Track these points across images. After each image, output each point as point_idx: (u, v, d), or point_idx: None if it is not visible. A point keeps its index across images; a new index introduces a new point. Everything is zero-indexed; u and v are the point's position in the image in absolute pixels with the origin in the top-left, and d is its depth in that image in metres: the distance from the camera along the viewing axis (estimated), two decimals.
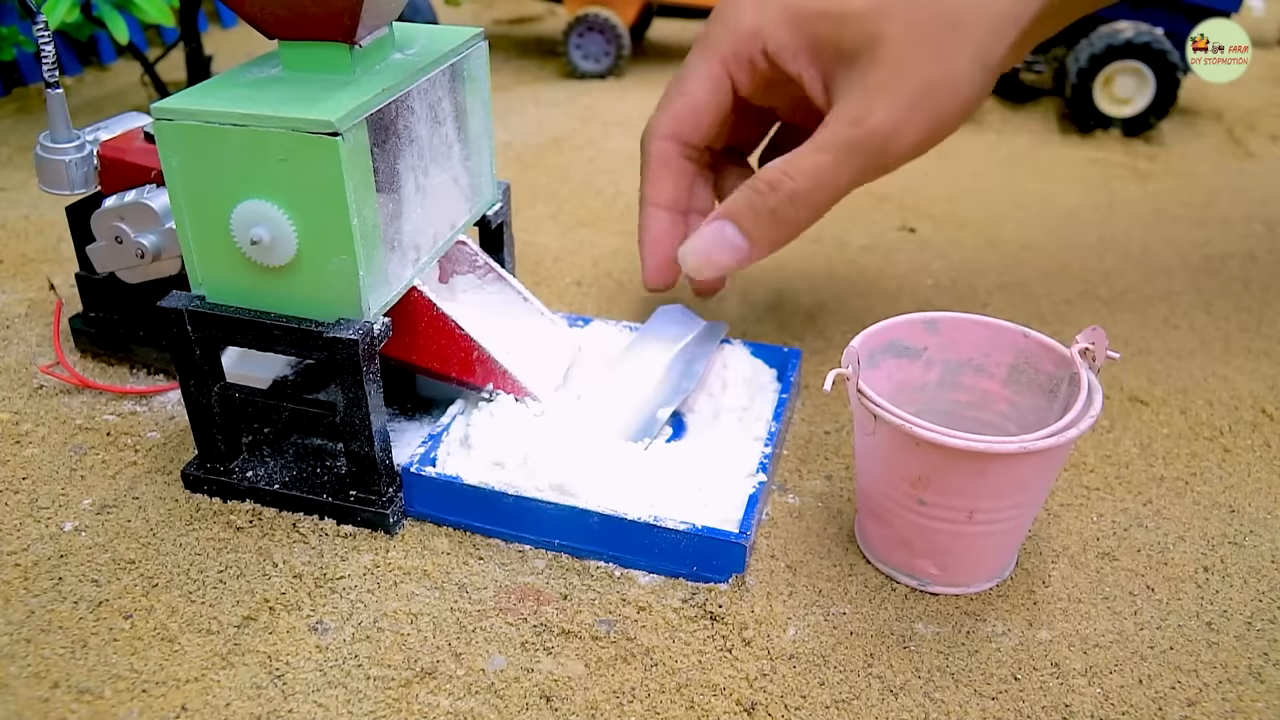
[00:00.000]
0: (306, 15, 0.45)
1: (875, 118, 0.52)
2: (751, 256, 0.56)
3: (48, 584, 0.48)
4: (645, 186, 0.61)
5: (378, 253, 0.47)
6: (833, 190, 0.54)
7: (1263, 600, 0.48)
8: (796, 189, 0.53)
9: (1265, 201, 0.93)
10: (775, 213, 0.54)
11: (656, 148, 0.60)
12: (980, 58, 0.52)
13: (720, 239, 0.56)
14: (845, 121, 0.52)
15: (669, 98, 0.60)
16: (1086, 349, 0.47)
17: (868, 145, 0.52)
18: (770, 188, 0.54)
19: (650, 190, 0.60)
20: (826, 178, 0.53)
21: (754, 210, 0.55)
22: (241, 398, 0.51)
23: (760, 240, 0.55)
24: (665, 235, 0.60)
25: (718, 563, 0.48)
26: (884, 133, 0.52)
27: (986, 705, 0.43)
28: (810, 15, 0.55)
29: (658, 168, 0.60)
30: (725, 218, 0.56)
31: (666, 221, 0.60)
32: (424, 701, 0.42)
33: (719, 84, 0.58)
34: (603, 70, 1.27)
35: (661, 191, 0.60)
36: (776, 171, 0.54)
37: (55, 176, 0.58)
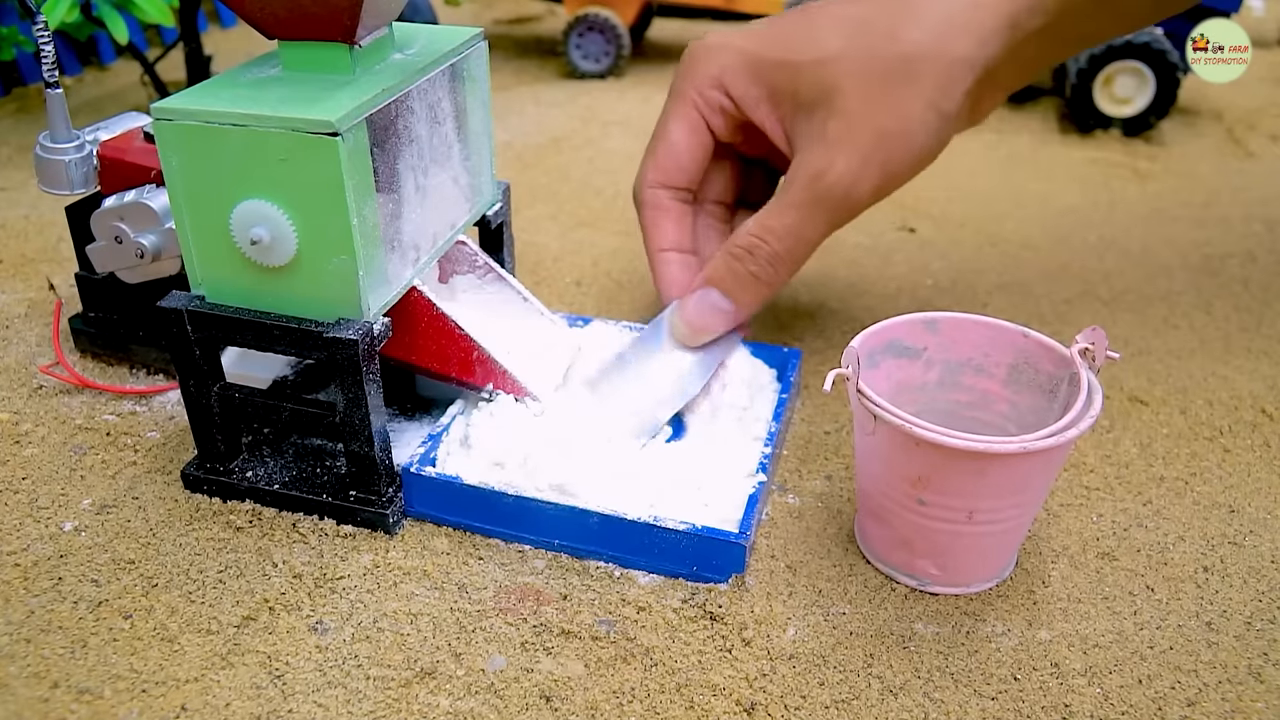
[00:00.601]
0: (306, 15, 0.45)
1: (835, 171, 0.53)
2: (740, 317, 0.57)
3: (47, 584, 0.48)
4: (648, 238, 0.61)
5: (377, 253, 0.47)
6: (807, 245, 0.55)
7: (1262, 600, 0.48)
8: (773, 251, 0.55)
9: (1265, 201, 0.93)
10: (755, 276, 0.56)
11: (648, 197, 0.61)
12: (935, 105, 0.53)
13: (707, 306, 0.57)
14: (808, 177, 0.53)
15: (650, 148, 0.61)
16: (1086, 349, 0.47)
17: (830, 199, 0.53)
18: (747, 253, 0.55)
19: (653, 238, 0.61)
20: (798, 235, 0.55)
21: (735, 275, 0.56)
22: (241, 398, 0.51)
23: (744, 302, 0.57)
24: (681, 277, 0.60)
25: (718, 563, 0.48)
26: (844, 185, 0.53)
27: (986, 705, 0.43)
28: (768, 65, 0.56)
29: (654, 215, 0.61)
30: (708, 285, 0.57)
31: (678, 263, 0.60)
32: (424, 702, 0.42)
33: (696, 127, 0.59)
34: (602, 70, 1.27)
35: (665, 236, 0.60)
36: (750, 236, 0.55)
37: (55, 176, 0.58)
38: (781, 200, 0.55)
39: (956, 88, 0.53)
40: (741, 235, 0.56)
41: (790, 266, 0.56)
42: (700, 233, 0.62)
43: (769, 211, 0.55)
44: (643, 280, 0.77)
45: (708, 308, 0.57)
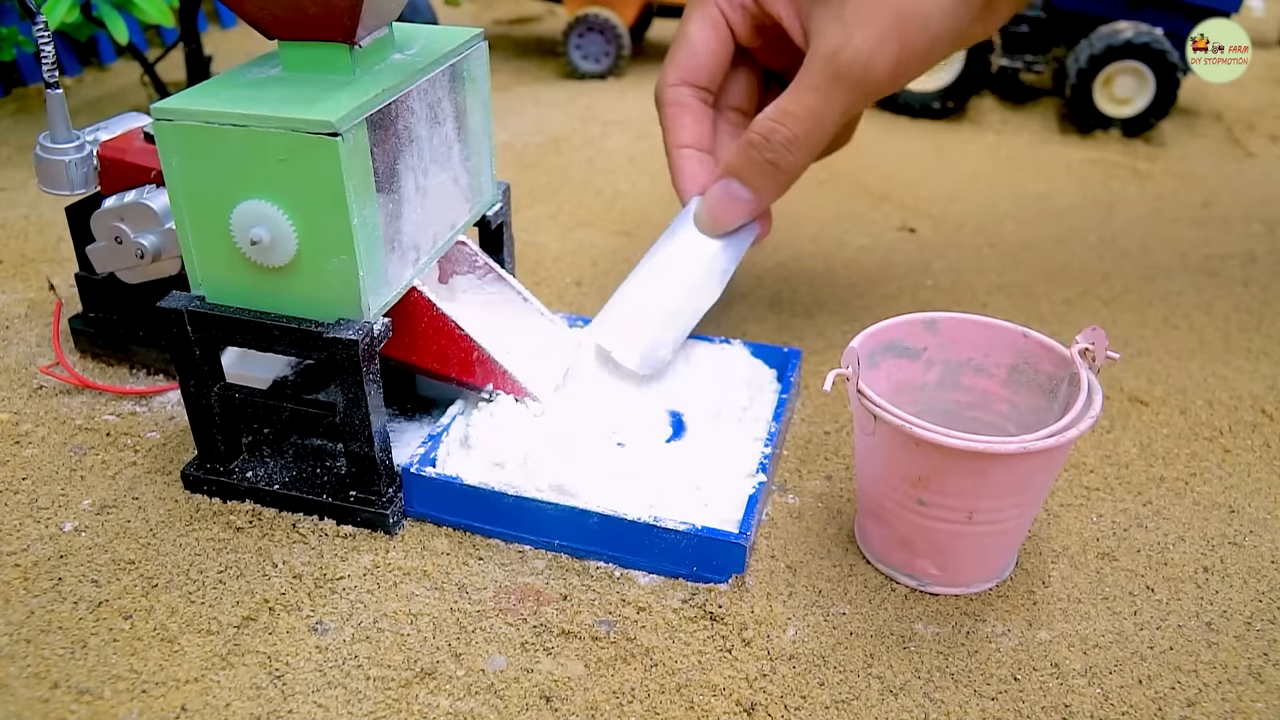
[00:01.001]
0: (306, 15, 0.45)
1: (851, 47, 0.53)
2: (760, 206, 0.58)
3: (47, 584, 0.48)
4: (667, 134, 0.61)
5: (378, 253, 0.47)
6: (825, 128, 0.55)
7: (1262, 600, 0.48)
8: (791, 134, 0.55)
9: (1265, 201, 0.93)
10: (774, 163, 0.56)
11: (670, 95, 0.61)
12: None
13: (726, 196, 0.57)
14: (823, 56, 0.54)
15: (673, 50, 0.61)
16: (1086, 349, 0.47)
17: (848, 76, 0.53)
18: (765, 139, 0.56)
19: (673, 134, 0.61)
20: (816, 116, 0.55)
21: (753, 163, 0.56)
22: (241, 398, 0.51)
23: (764, 190, 0.57)
24: (698, 173, 0.60)
25: (717, 563, 0.48)
26: (861, 61, 0.53)
27: (986, 705, 0.43)
28: None
29: (675, 112, 0.61)
30: (728, 175, 0.57)
31: (696, 160, 0.60)
32: (424, 702, 0.42)
33: (717, 27, 0.60)
34: (602, 70, 1.27)
35: (684, 132, 0.60)
36: (768, 121, 0.55)
37: (55, 177, 0.58)
38: (798, 83, 0.55)
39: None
40: (759, 122, 0.56)
41: (808, 151, 0.56)
42: (720, 138, 0.63)
43: (786, 96, 0.55)
44: None
45: (728, 198, 0.57)
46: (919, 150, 1.05)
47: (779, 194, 0.58)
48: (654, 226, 0.86)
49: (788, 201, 0.92)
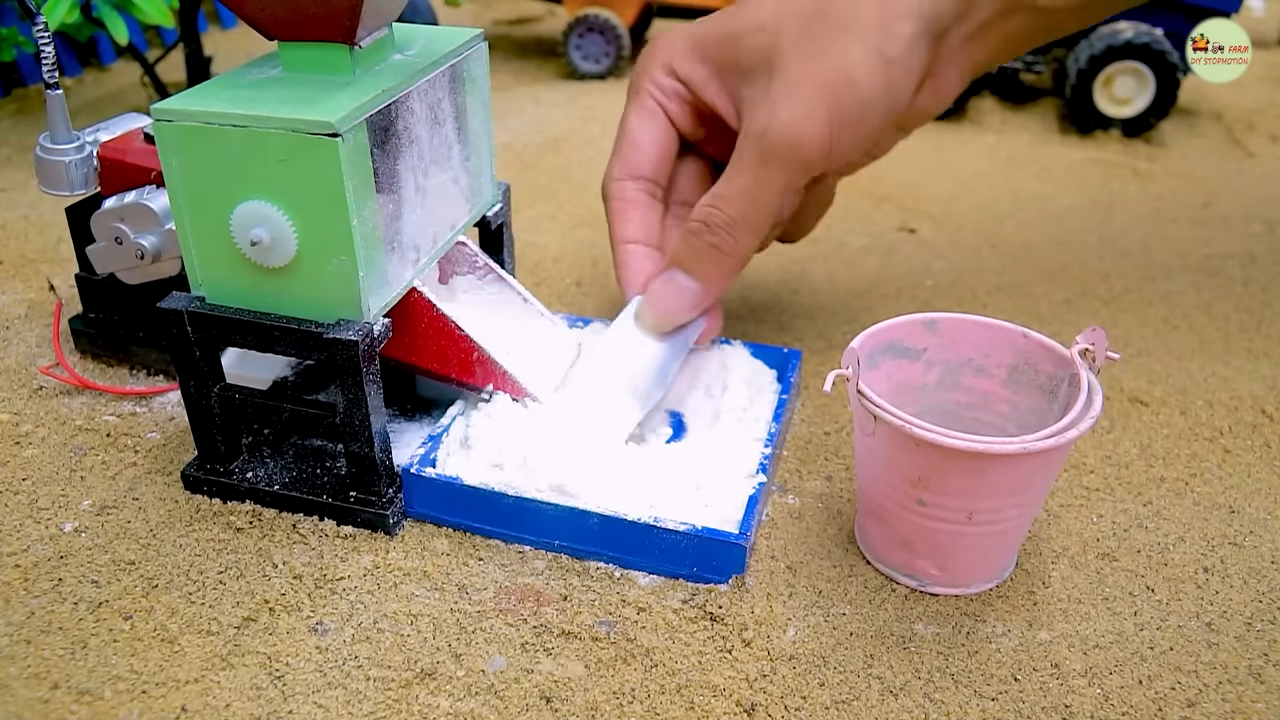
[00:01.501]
0: (306, 16, 0.45)
1: (778, 123, 0.52)
2: (707, 297, 0.56)
3: (48, 585, 0.48)
4: (613, 229, 0.59)
5: (377, 253, 0.47)
6: (763, 207, 0.54)
7: (1263, 601, 0.48)
8: (729, 217, 0.54)
9: (1265, 202, 0.93)
10: (717, 247, 0.54)
11: (614, 189, 0.59)
12: (876, 49, 0.52)
13: (672, 288, 0.56)
14: (753, 136, 0.53)
15: (615, 144, 0.60)
16: (1086, 349, 0.47)
17: (779, 153, 0.52)
18: (704, 224, 0.54)
19: (618, 230, 0.59)
20: (751, 196, 0.53)
21: (695, 251, 0.55)
22: (241, 399, 0.51)
23: (710, 277, 0.55)
24: (644, 268, 0.58)
25: (718, 563, 0.48)
26: (790, 137, 0.52)
27: (986, 706, 0.43)
28: (711, 42, 0.56)
29: (619, 207, 0.59)
30: (671, 266, 0.56)
31: (642, 255, 0.59)
32: (424, 702, 0.42)
33: (656, 118, 0.59)
34: (602, 71, 1.27)
35: (629, 227, 0.59)
36: (704, 207, 0.54)
37: (55, 177, 0.58)
38: (731, 165, 0.54)
39: (898, 30, 0.52)
40: (696, 209, 0.55)
41: (749, 232, 0.54)
42: (668, 234, 0.61)
43: (720, 180, 0.54)
44: None
45: (673, 289, 0.55)
46: (919, 151, 1.05)
47: (726, 281, 0.56)
48: None
49: None
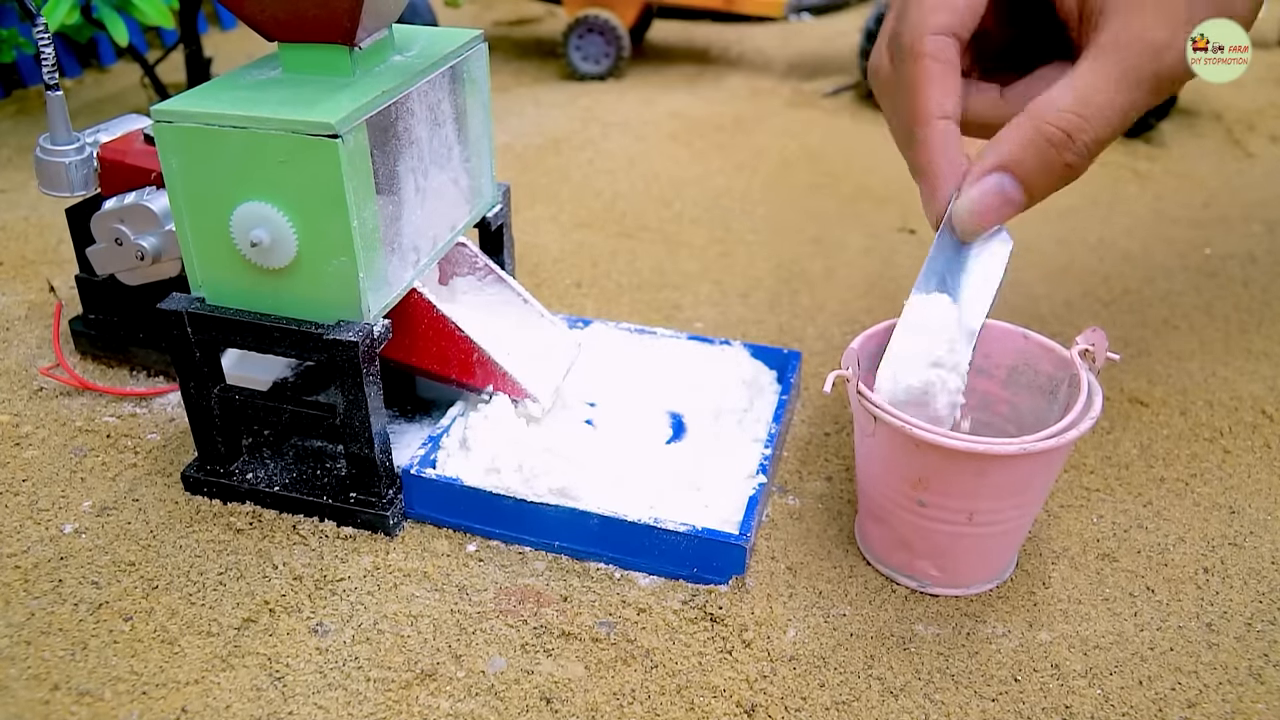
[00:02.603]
0: (306, 17, 0.45)
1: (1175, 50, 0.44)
2: (1024, 207, 0.47)
3: (48, 586, 0.48)
4: (921, 96, 0.48)
5: (377, 255, 0.47)
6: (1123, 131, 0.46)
7: (1262, 601, 0.48)
8: (1096, 137, 0.45)
9: (1265, 203, 0.93)
10: (1071, 167, 0.46)
11: (931, 45, 0.48)
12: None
13: (1000, 194, 0.46)
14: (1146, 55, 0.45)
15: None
16: (1086, 350, 0.47)
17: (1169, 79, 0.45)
18: (1069, 137, 0.45)
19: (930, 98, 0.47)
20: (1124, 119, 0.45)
21: (1046, 163, 0.46)
22: (241, 400, 0.51)
23: (1041, 193, 0.47)
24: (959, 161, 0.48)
25: (718, 564, 0.48)
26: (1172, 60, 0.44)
27: (986, 707, 0.42)
28: None
29: (934, 69, 0.48)
30: (1006, 169, 0.46)
31: (957, 141, 0.48)
32: (424, 703, 0.42)
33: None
34: (602, 72, 1.27)
35: (949, 97, 0.48)
36: (1072, 116, 0.45)
37: (55, 178, 0.58)
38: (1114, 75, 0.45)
39: None
40: (1057, 114, 0.45)
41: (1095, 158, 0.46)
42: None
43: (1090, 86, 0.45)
44: (644, 282, 0.77)
45: (1001, 197, 0.46)
46: None
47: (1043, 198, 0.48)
48: (654, 228, 0.86)
49: (789, 203, 0.92)
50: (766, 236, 0.85)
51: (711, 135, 1.09)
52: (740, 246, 0.83)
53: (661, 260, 0.80)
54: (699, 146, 1.06)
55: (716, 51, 1.46)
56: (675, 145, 1.06)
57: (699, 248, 0.83)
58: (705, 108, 1.19)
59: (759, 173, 0.99)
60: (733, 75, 1.34)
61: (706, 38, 1.52)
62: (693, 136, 1.09)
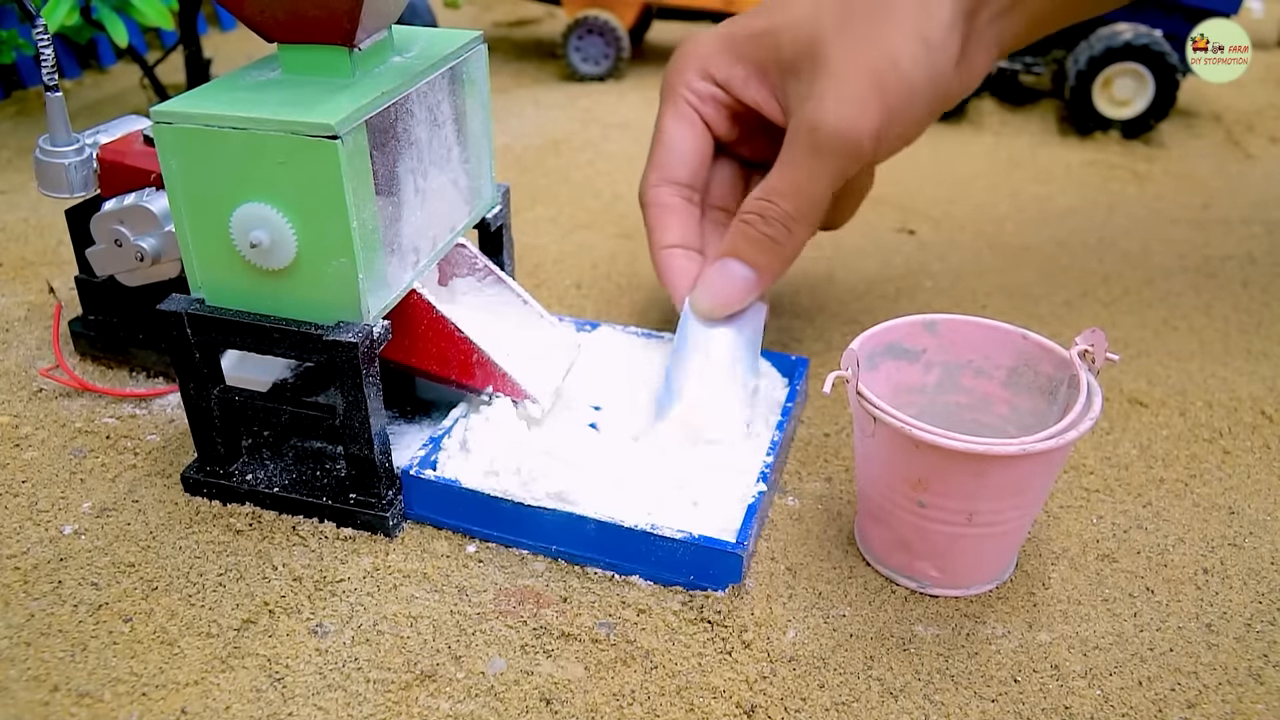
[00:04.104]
0: (306, 18, 0.45)
1: (830, 117, 0.52)
2: (761, 284, 0.56)
3: (47, 587, 0.48)
4: (652, 235, 0.60)
5: (377, 256, 0.47)
6: (816, 199, 0.54)
7: (1262, 602, 0.48)
8: (784, 211, 0.54)
9: (1264, 203, 0.93)
10: (772, 238, 0.55)
11: (652, 195, 0.59)
12: (919, 35, 0.53)
13: (726, 276, 0.56)
14: (804, 130, 0.53)
15: (651, 151, 0.60)
16: (1086, 351, 0.47)
17: (832, 146, 0.52)
18: (759, 216, 0.55)
19: (658, 235, 0.59)
20: (805, 191, 0.54)
21: (750, 241, 0.55)
22: (241, 401, 0.51)
23: (764, 265, 0.56)
24: (689, 269, 0.58)
25: (715, 572, 0.47)
26: (843, 129, 0.52)
27: (986, 707, 0.42)
28: (748, 40, 0.56)
29: (658, 213, 0.59)
30: (725, 256, 0.56)
31: (683, 258, 0.59)
32: (424, 704, 0.42)
33: (690, 121, 0.59)
34: (602, 73, 1.27)
35: (669, 233, 0.59)
36: (758, 201, 0.55)
37: (55, 179, 0.58)
38: (782, 159, 0.54)
39: (938, 14, 0.53)
40: (749, 203, 0.55)
41: (803, 224, 0.55)
42: (707, 238, 0.61)
43: (772, 174, 0.54)
44: (643, 283, 0.77)
45: (728, 277, 0.56)
46: (918, 152, 1.05)
47: (780, 270, 0.57)
48: None
49: None
50: None
51: None
52: None
53: None
54: None
55: None
56: None
57: None
58: None
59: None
60: None
61: None
62: None
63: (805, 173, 0.53)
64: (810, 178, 0.53)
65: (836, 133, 0.52)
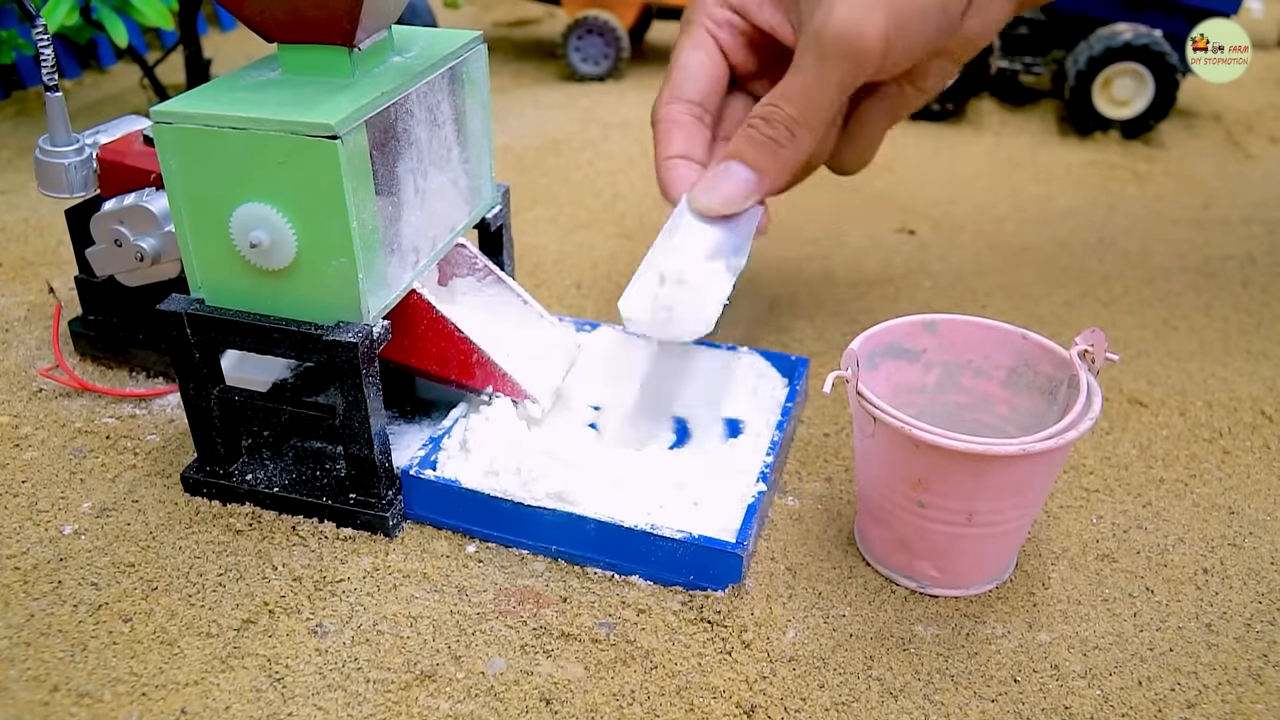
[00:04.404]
0: (306, 18, 0.45)
1: (835, 20, 0.52)
2: (763, 187, 0.56)
3: (47, 587, 0.48)
4: (658, 148, 0.59)
5: (377, 256, 0.47)
6: (822, 106, 0.54)
7: (1262, 602, 0.48)
8: (789, 115, 0.54)
9: (1264, 203, 0.93)
10: (775, 140, 0.55)
11: (662, 113, 0.59)
12: None
13: (728, 175, 0.56)
14: (812, 36, 0.53)
15: (666, 76, 0.61)
16: (1086, 351, 0.47)
17: (838, 50, 0.52)
18: (764, 120, 0.55)
19: (663, 147, 0.59)
20: (811, 96, 0.54)
21: (754, 143, 0.55)
22: (241, 401, 0.51)
23: (767, 170, 0.55)
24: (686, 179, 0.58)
25: (714, 572, 0.47)
26: (849, 33, 0.52)
27: (986, 707, 0.42)
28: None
29: (666, 127, 0.59)
30: (729, 158, 0.56)
31: (685, 167, 0.58)
32: (424, 704, 0.42)
33: (707, 47, 0.60)
34: (602, 73, 1.27)
35: (674, 144, 0.59)
36: (765, 106, 0.55)
37: (55, 180, 0.58)
38: (792, 67, 0.54)
39: None
40: (756, 109, 0.55)
41: (808, 131, 0.55)
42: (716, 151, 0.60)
43: (781, 82, 0.55)
44: None
45: (729, 177, 0.56)
46: (918, 152, 1.05)
47: (783, 175, 0.56)
48: (654, 229, 0.86)
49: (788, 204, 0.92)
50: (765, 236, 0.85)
51: None
52: None
53: None
54: None
55: None
56: None
57: None
58: None
59: None
60: None
61: None
62: None
63: (812, 77, 0.53)
64: (817, 82, 0.53)
65: (841, 35, 0.52)
